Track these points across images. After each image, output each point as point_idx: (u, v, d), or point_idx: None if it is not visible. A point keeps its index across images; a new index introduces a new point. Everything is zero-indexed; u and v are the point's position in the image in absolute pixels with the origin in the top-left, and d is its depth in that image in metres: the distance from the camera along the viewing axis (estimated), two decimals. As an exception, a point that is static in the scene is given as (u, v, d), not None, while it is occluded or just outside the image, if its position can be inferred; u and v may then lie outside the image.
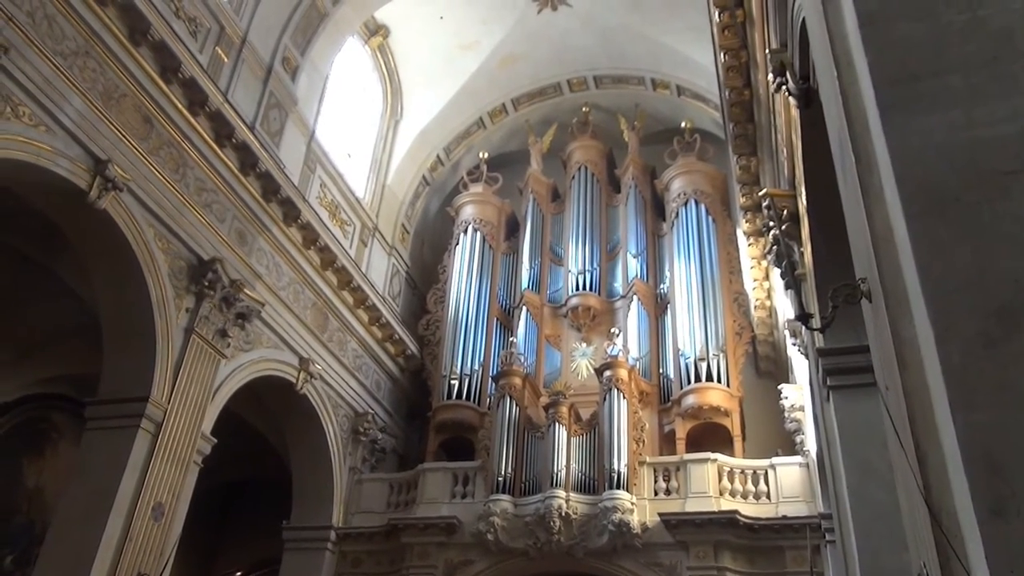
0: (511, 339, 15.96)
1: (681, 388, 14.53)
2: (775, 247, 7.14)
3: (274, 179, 12.40)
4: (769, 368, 15.36)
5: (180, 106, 10.77)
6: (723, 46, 8.91)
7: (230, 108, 11.48)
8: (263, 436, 15.41)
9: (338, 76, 16.22)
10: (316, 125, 14.73)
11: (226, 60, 12.07)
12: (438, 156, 18.95)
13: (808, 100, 5.12)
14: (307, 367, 13.52)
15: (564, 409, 14.00)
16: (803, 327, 6.49)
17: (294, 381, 13.35)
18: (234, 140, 11.59)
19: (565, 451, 13.57)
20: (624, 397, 13.83)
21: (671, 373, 14.98)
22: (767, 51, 6.58)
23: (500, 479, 13.63)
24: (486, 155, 19.00)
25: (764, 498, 12.99)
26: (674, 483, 13.30)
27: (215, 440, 11.29)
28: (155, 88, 10.41)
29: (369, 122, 17.66)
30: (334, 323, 14.63)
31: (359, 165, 17.12)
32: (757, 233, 11.69)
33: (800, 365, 10.93)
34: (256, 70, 12.80)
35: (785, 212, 6.73)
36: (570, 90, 18.86)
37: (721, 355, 14.50)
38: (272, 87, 13.09)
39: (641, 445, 13.74)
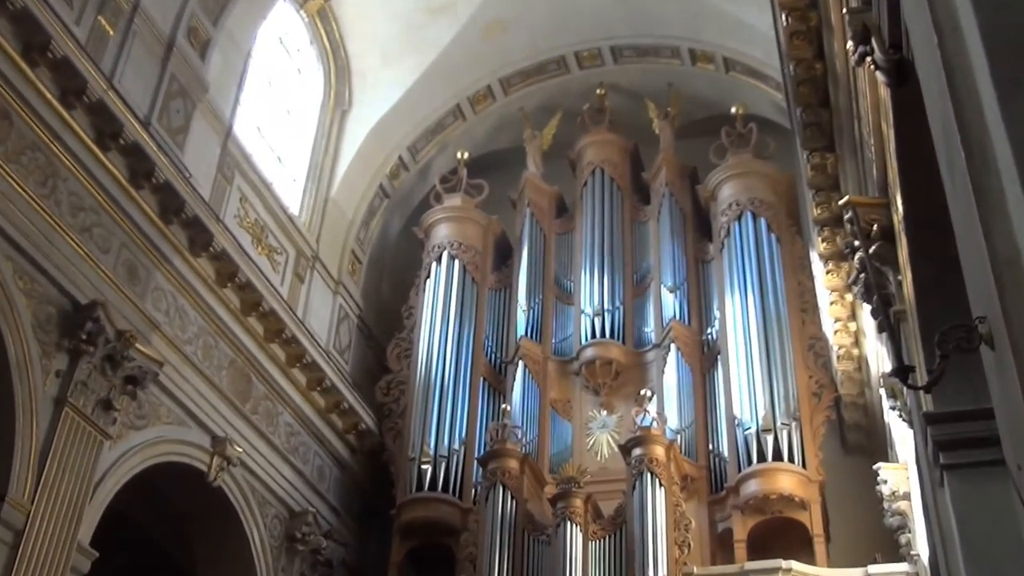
0: (503, 406, 15.90)
1: (739, 471, 14.48)
2: (862, 275, 7.17)
3: (176, 192, 12.42)
4: (860, 441, 15.31)
5: (49, 96, 10.81)
6: (785, 4, 9.02)
7: (116, 97, 11.54)
8: (162, 546, 15.24)
9: (264, 53, 16.37)
10: (234, 119, 14.81)
11: (112, 33, 12.15)
12: (400, 158, 19.04)
13: (902, 76, 5.17)
14: (223, 450, 13.42)
15: (578, 502, 13.94)
16: (903, 384, 6.49)
17: (205, 469, 13.24)
18: (122, 140, 11.63)
19: (581, 560, 13.49)
20: (661, 484, 13.77)
21: (725, 450, 14.94)
22: (844, 10, 6.68)
23: (492, 602, 13.52)
24: (466, 155, 19.09)
25: (858, 622, 12.91)
26: (733, 603, 13.22)
27: (96, 554, 11.14)
28: (15, 72, 10.43)
29: (306, 114, 17.78)
30: (260, 388, 14.56)
31: (293, 172, 17.20)
32: (838, 256, 11.72)
33: (903, 436, 10.90)
34: (152, 46, 12.89)
35: (875, 227, 6.77)
36: (579, 66, 19.02)
37: (793, 424, 14.47)
38: (174, 68, 13.17)
39: (686, 551, 13.66)
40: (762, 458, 14.31)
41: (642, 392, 15.14)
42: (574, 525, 13.74)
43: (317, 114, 18.00)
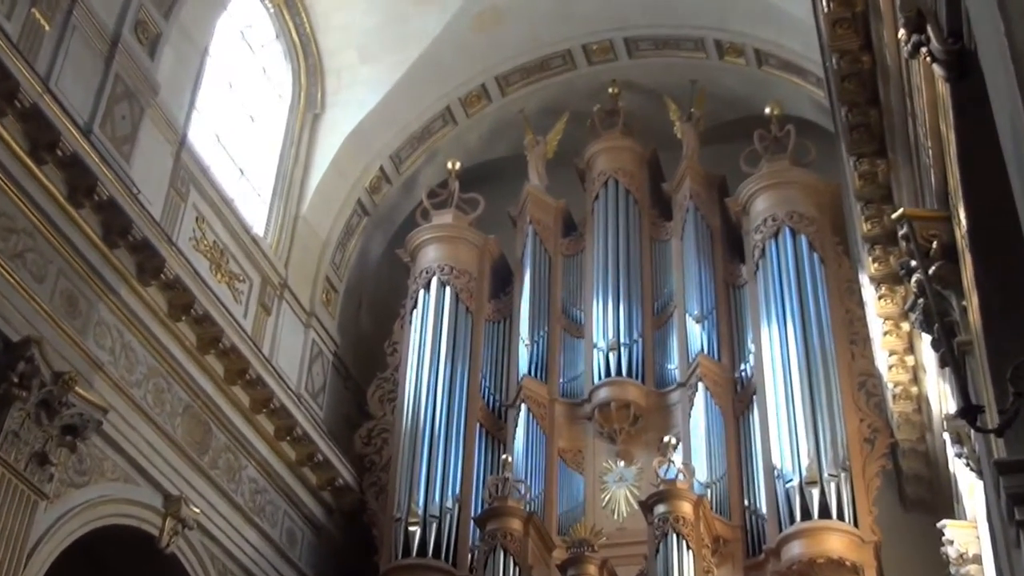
0: (504, 457, 15.86)
1: (780, 530, 14.44)
2: (921, 301, 7.18)
3: (122, 211, 12.43)
4: (921, 494, 15.25)
5: (-26, 100, 10.86)
6: (826, -12, 9.09)
7: (53, 101, 11.57)
8: (107, 625, 15.20)
9: (223, 50, 16.43)
10: (189, 126, 14.85)
11: (48, 28, 12.20)
12: (382, 169, 19.07)
13: (963, 68, 5.20)
14: (177, 511, 13.38)
15: (592, 568, 13.89)
16: (970, 427, 6.49)
17: (156, 534, 13.20)
18: (59, 152, 11.65)
19: (597, 637, 13.46)
20: (689, 547, 13.73)
21: (763, 507, 14.92)
22: (895, -5, 6.72)
23: None
24: (458, 165, 19.13)
25: None
26: None
27: (30, 634, 11.12)
28: (-66, 73, 10.51)
29: (273, 120, 17.83)
30: (220, 438, 14.53)
31: (258, 187, 17.24)
32: (892, 279, 11.74)
33: (971, 488, 10.86)
34: (94, 42, 12.94)
35: (935, 245, 6.78)
36: (588, 61, 19.09)
37: (843, 476, 14.44)
38: (119, 68, 13.21)
39: (719, 624, 13.62)
40: (807, 515, 14.26)
41: (665, 439, 15.07)
42: (588, 595, 13.71)
43: (285, 119, 18.04)
